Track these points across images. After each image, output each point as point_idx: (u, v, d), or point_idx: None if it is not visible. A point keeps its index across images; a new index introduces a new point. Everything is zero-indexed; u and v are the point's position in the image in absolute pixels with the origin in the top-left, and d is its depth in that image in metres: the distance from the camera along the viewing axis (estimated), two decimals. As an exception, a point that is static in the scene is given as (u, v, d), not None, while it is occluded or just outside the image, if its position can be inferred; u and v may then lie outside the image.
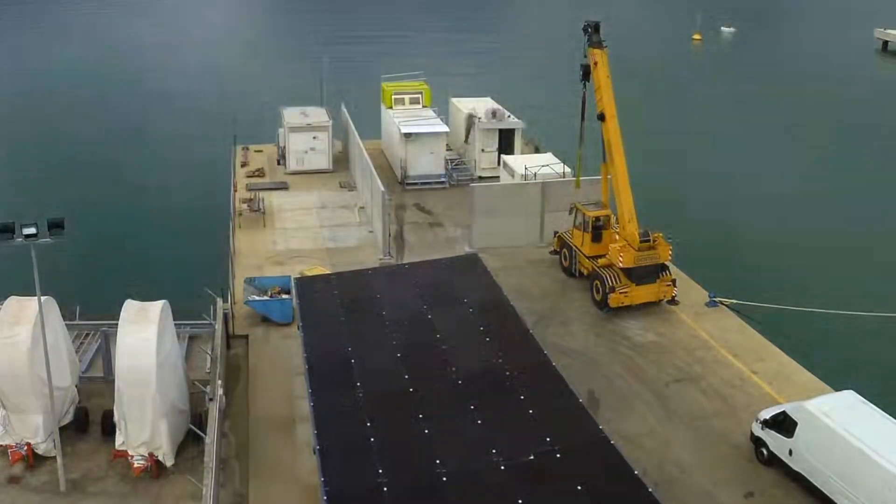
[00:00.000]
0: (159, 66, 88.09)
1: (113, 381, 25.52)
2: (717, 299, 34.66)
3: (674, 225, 45.46)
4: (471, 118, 48.48)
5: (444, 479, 18.79)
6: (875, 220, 48.81)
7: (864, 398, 23.96)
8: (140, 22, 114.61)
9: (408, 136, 46.25)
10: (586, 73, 34.48)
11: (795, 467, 23.90)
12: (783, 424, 24.24)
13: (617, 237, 34.19)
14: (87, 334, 30.74)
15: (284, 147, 49.46)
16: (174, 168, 55.61)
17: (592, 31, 33.64)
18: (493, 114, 47.88)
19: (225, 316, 30.59)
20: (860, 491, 21.72)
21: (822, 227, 48.01)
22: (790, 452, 24.01)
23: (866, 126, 68.63)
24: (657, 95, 77.67)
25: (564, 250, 36.97)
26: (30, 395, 25.18)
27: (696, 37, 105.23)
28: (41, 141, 61.68)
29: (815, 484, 23.24)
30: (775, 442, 24.56)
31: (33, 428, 25.28)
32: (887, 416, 23.15)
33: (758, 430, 25.16)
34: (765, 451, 24.96)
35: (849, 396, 24.19)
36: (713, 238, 45.30)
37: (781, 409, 24.90)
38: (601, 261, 34.29)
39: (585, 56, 34.27)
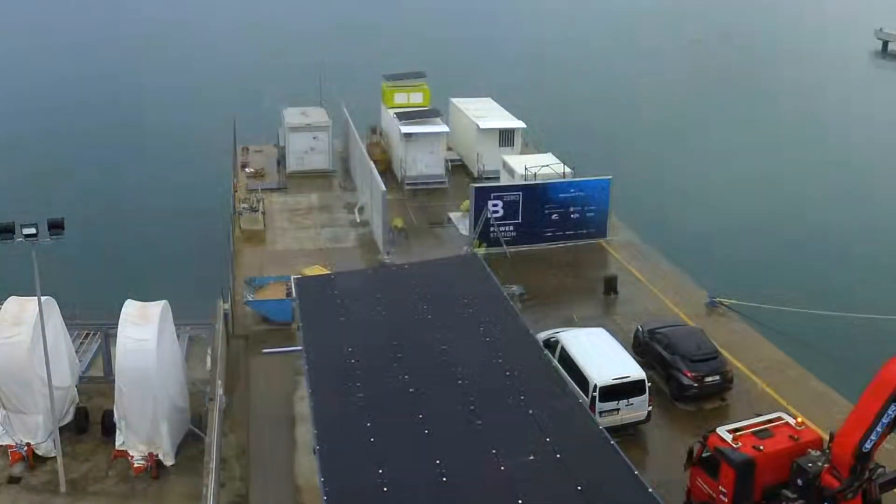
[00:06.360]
0: (160, 64, 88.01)
1: (113, 381, 25.57)
2: (717, 299, 34.64)
3: (675, 224, 45.76)
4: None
5: (444, 479, 18.78)
6: (876, 220, 48.77)
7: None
8: (139, 20, 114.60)
9: (408, 136, 46.21)
10: None
11: None
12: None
13: None
14: (87, 334, 30.75)
15: (284, 147, 49.48)
16: (174, 168, 55.59)
17: None
18: None
19: (225, 316, 30.59)
20: None
21: (823, 228, 47.97)
22: None
23: (868, 126, 68.60)
24: (659, 93, 77.69)
25: None
26: (30, 396, 25.23)
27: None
28: (41, 140, 61.63)
29: None
30: None
31: (33, 428, 25.31)
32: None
33: None
34: None
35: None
36: (713, 238, 45.28)
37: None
38: None
39: None
